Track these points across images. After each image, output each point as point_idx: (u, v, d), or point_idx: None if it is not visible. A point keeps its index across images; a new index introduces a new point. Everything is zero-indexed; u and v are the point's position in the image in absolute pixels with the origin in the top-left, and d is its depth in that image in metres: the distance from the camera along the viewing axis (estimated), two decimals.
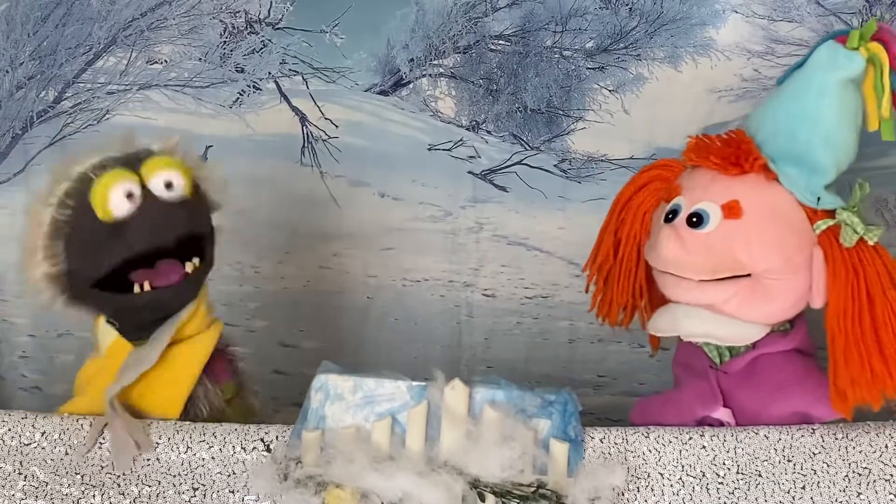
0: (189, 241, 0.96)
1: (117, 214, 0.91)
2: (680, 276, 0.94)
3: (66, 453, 0.92)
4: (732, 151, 0.93)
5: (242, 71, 1.42)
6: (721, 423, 0.97)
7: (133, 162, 0.94)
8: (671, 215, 0.95)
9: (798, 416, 0.95)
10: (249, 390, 1.10)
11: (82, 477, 0.92)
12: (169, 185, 0.93)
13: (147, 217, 0.91)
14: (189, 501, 0.91)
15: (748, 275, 0.92)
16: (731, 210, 0.91)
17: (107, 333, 0.98)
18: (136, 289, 0.94)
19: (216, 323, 1.01)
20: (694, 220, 0.92)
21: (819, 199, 0.92)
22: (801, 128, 0.93)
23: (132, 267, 0.94)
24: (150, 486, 0.91)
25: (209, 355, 0.99)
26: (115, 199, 0.90)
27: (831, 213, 0.92)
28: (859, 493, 0.91)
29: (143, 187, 0.92)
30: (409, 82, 1.44)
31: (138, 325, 0.97)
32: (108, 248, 0.91)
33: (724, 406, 0.97)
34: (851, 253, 0.90)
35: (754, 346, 0.97)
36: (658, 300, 1.04)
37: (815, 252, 0.92)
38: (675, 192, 0.97)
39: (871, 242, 0.89)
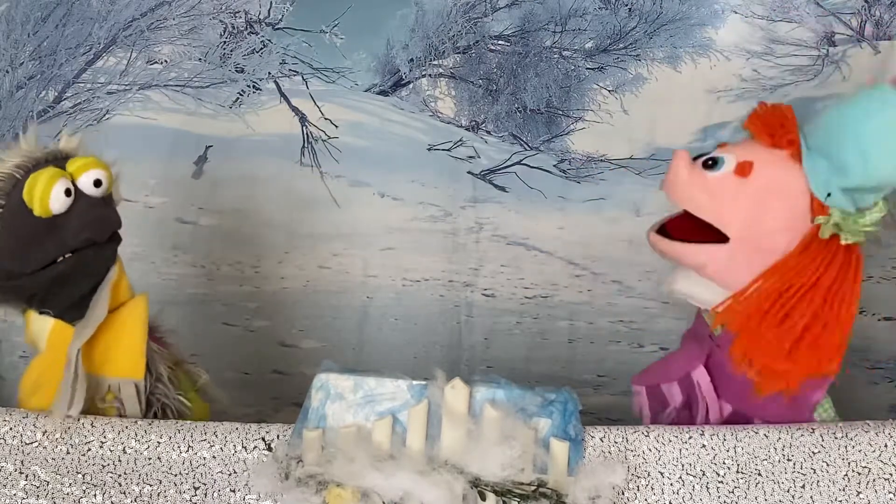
0: None
1: (56, 210, 0.93)
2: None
3: (68, 452, 0.92)
4: (771, 121, 0.97)
5: (242, 71, 1.42)
6: (692, 383, 1.01)
7: (58, 161, 0.96)
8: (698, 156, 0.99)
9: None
10: (186, 362, 1.12)
11: (83, 476, 0.92)
12: (98, 184, 0.97)
13: (83, 214, 0.94)
14: (190, 500, 0.91)
15: (727, 241, 0.95)
16: (743, 168, 0.95)
17: (42, 325, 0.99)
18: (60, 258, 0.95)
19: (141, 293, 1.04)
20: (709, 162, 0.97)
21: (829, 194, 0.94)
22: (848, 129, 0.95)
23: None
24: (151, 486, 0.91)
25: (148, 312, 1.01)
26: (56, 197, 0.93)
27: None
28: (859, 493, 0.91)
29: (74, 185, 0.95)
30: (409, 82, 1.44)
31: (72, 298, 0.98)
32: (44, 243, 0.94)
33: (709, 375, 1.01)
34: (829, 244, 0.93)
35: None
36: None
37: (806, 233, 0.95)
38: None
39: (843, 241, 0.93)
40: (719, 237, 0.96)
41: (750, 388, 0.97)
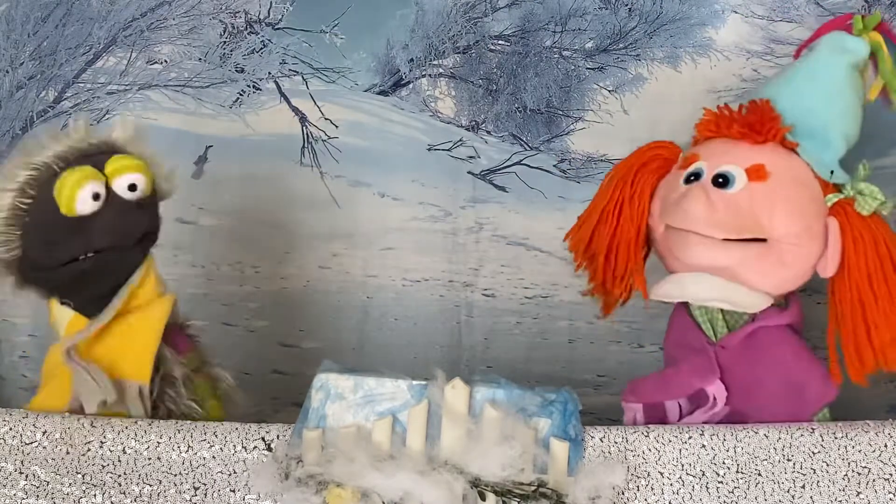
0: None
1: (81, 212, 0.93)
2: (703, 235, 0.94)
3: (67, 452, 0.92)
4: (757, 119, 0.96)
5: (242, 71, 1.42)
6: (707, 397, 0.98)
7: (98, 158, 0.95)
8: (693, 177, 0.96)
9: (792, 388, 0.96)
10: (212, 365, 1.11)
11: (83, 476, 0.92)
12: (132, 188, 0.96)
13: (110, 218, 0.94)
14: (190, 500, 0.91)
15: (764, 240, 0.94)
16: (757, 173, 0.94)
17: (63, 314, 0.99)
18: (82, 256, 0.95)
19: (168, 294, 1.03)
20: (720, 180, 0.94)
21: (832, 172, 0.96)
22: (819, 105, 0.97)
23: None
24: (151, 486, 0.91)
25: (167, 316, 1.00)
26: (82, 199, 0.93)
27: (838, 189, 0.96)
28: (858, 493, 0.91)
29: (107, 186, 0.95)
30: (409, 82, 1.44)
31: (92, 295, 0.98)
32: (68, 242, 0.94)
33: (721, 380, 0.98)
34: (868, 222, 0.93)
35: (753, 319, 0.98)
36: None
37: (830, 222, 0.95)
38: (692, 159, 0.98)
39: (884, 213, 0.94)
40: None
41: (758, 386, 0.96)
